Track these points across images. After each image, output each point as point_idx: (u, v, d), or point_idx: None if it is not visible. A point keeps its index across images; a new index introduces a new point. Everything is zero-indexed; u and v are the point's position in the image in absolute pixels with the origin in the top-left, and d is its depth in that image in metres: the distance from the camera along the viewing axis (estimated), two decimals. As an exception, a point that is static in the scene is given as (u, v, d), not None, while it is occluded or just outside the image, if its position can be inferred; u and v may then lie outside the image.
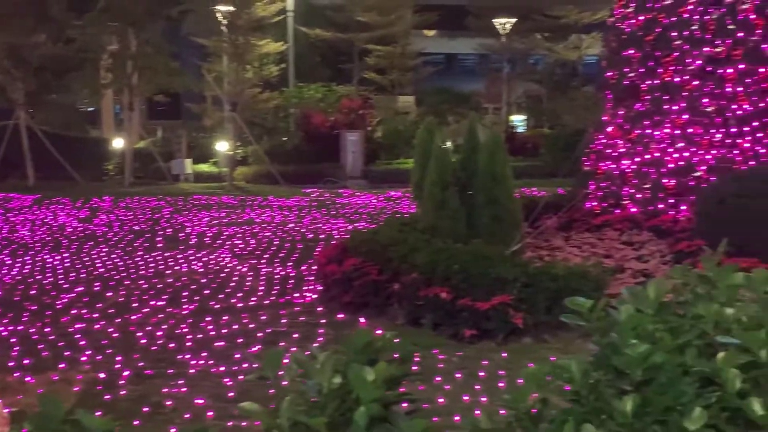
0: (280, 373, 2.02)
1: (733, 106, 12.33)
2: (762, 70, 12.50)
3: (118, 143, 28.61)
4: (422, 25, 40.92)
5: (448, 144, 18.02)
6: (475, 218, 10.43)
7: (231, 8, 26.71)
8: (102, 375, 7.60)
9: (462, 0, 42.54)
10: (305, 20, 35.34)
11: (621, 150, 13.18)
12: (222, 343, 8.62)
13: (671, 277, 3.20)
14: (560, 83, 41.47)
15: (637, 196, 12.63)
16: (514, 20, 38.21)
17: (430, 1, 41.04)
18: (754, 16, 12.47)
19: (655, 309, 2.46)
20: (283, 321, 9.58)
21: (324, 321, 9.48)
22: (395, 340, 2.14)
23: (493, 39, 40.36)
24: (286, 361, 2.07)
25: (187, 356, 8.17)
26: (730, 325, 2.57)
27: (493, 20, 38.48)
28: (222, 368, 7.71)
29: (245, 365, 7.59)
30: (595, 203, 13.18)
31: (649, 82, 12.93)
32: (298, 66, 33.52)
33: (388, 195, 22.62)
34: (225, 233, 16.07)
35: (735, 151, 12.28)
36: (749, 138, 12.34)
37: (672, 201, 12.29)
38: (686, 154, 12.38)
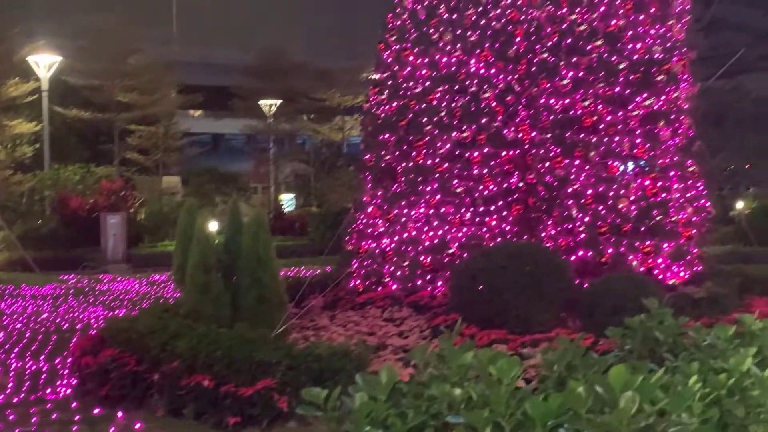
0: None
1: (480, 187, 13.20)
2: (504, 153, 13.54)
3: None
4: (187, 106, 40.70)
5: (214, 225, 17.85)
6: (240, 301, 10.36)
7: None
8: None
9: (226, 81, 42.81)
10: (62, 100, 34.08)
11: (381, 229, 13.65)
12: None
13: (412, 358, 3.34)
14: (326, 163, 42.54)
15: (397, 273, 13.09)
16: (279, 102, 38.94)
17: (194, 81, 40.97)
18: (495, 104, 13.52)
19: (388, 394, 2.56)
20: (33, 420, 8.92)
21: (78, 417, 8.93)
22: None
23: (258, 120, 40.86)
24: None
25: None
26: (458, 404, 2.71)
27: (259, 102, 39.02)
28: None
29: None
30: (359, 281, 13.50)
31: (404, 164, 13.56)
32: (54, 147, 32.11)
33: (152, 279, 21.96)
34: (-30, 327, 14.83)
35: (483, 229, 13.11)
36: (495, 216, 13.23)
37: (429, 277, 12.85)
38: (440, 232, 13.03)
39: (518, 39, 14.04)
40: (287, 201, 40.87)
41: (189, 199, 14.33)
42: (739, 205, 26.47)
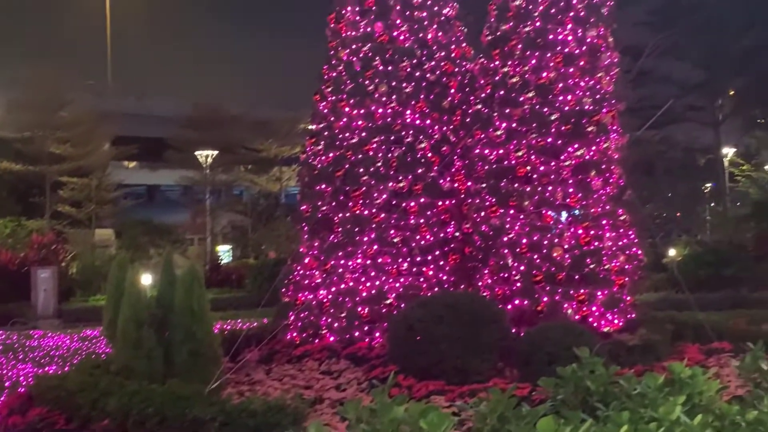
0: None
1: (417, 237, 13.24)
2: (440, 202, 13.64)
3: None
4: (122, 157, 40.27)
5: (148, 278, 17.52)
6: (173, 356, 10.12)
7: None
8: None
9: (162, 132, 42.50)
10: (-8, 153, 33.42)
11: (318, 280, 13.56)
12: None
13: (344, 413, 3.28)
14: (264, 214, 42.31)
15: (335, 325, 12.98)
16: (216, 153, 38.71)
17: (129, 132, 40.59)
18: (431, 154, 13.64)
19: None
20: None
21: (4, 480, 8.57)
22: None
23: (195, 171, 40.53)
24: None
25: None
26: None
27: (195, 152, 38.75)
28: None
29: None
30: (296, 334, 13.35)
31: (341, 214, 13.55)
32: (-18, 201, 31.39)
33: (84, 334, 21.35)
34: None
35: (421, 279, 13.13)
36: (432, 266, 13.28)
37: (367, 328, 12.77)
38: (377, 282, 13.00)
39: (452, 90, 14.25)
40: (224, 252, 40.42)
41: (121, 253, 14.05)
42: (671, 252, 27.01)
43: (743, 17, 40.86)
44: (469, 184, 13.67)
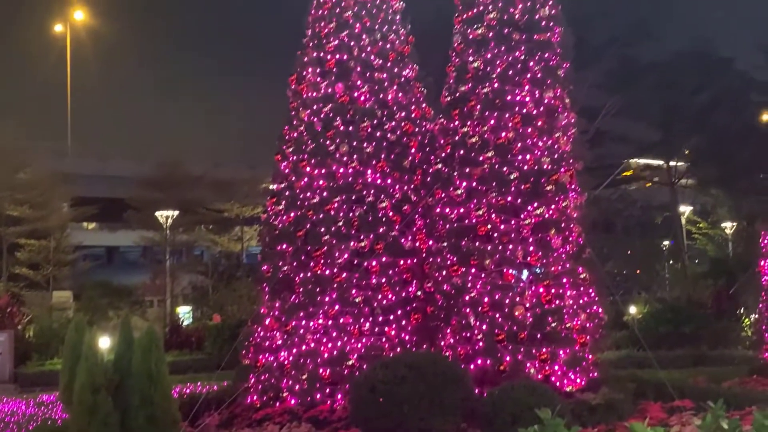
0: None
1: (379, 296, 13.18)
2: (402, 262, 13.63)
3: None
4: (81, 218, 39.83)
5: (106, 341, 17.18)
6: (130, 421, 9.91)
7: None
8: None
9: (122, 193, 42.21)
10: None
11: (279, 342, 13.41)
12: None
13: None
14: (225, 274, 41.87)
15: (296, 387, 12.80)
16: (176, 213, 38.42)
17: (89, 193, 40.24)
18: (392, 213, 13.67)
19: None
20: None
21: None
22: None
23: (155, 231, 40.17)
24: None
25: None
26: None
27: (156, 213, 38.43)
28: None
29: None
30: (256, 397, 13.14)
31: (302, 274, 13.46)
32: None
33: (41, 399, 20.79)
34: None
35: (383, 339, 13.03)
36: (395, 326, 13.20)
37: (328, 390, 12.60)
38: (339, 343, 12.88)
39: (413, 150, 14.36)
40: (184, 314, 39.82)
41: (79, 315, 13.80)
42: (631, 309, 27.16)
43: (696, 78, 41.87)
44: (431, 242, 13.70)
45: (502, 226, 12.95)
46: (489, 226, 12.98)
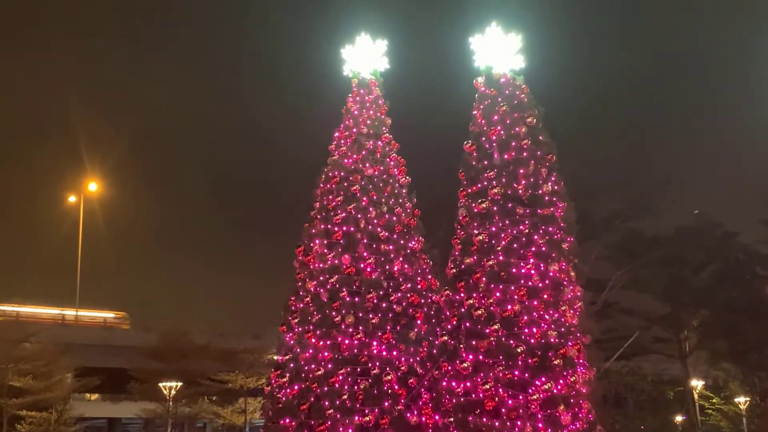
0: None
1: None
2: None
3: None
4: (83, 389, 39.19)
5: None
6: None
7: None
8: None
9: (125, 363, 41.73)
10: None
11: None
12: None
13: None
14: None
15: None
16: (179, 384, 37.87)
17: (92, 363, 39.77)
18: (397, 387, 13.46)
19: None
20: None
21: None
22: None
23: (157, 403, 39.46)
24: None
25: None
26: None
27: (159, 384, 37.87)
28: None
29: None
30: None
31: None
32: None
33: None
34: None
35: None
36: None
37: None
38: None
39: (419, 322, 14.31)
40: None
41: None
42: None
43: (700, 254, 42.06)
44: (437, 417, 13.39)
45: (510, 401, 12.68)
46: (496, 401, 12.71)
